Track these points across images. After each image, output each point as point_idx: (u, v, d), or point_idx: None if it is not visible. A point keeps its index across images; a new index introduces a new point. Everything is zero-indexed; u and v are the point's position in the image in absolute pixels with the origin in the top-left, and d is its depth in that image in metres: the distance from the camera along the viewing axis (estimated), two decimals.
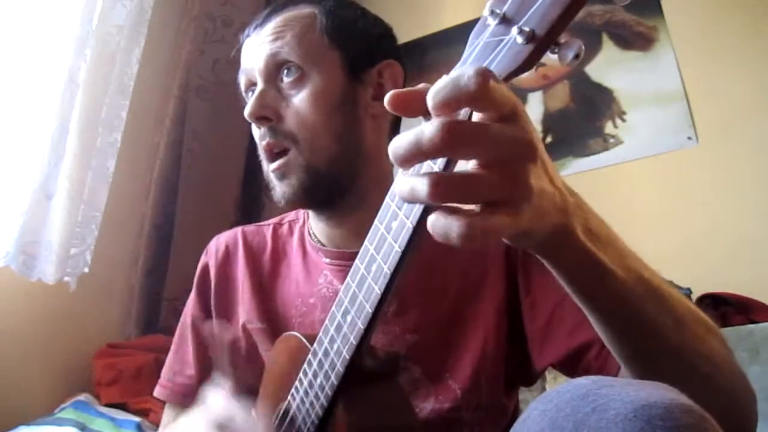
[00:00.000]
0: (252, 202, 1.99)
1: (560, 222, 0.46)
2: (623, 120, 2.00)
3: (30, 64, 1.47)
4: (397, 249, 0.48)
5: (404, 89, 0.42)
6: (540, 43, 0.39)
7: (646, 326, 0.52)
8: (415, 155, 0.38)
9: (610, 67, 2.03)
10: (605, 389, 0.43)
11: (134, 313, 1.77)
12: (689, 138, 1.90)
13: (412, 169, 0.43)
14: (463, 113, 0.41)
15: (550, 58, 0.40)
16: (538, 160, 0.41)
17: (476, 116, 0.41)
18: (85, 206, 1.53)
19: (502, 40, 0.41)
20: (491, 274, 0.78)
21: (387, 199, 0.50)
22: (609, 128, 2.02)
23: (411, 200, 0.40)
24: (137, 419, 1.38)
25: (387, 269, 0.49)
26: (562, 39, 0.39)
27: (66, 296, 1.50)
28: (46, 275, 1.42)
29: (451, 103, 0.38)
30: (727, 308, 1.57)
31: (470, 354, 0.76)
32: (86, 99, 1.51)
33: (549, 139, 2.10)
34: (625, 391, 0.42)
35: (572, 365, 0.71)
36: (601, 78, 2.05)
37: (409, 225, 0.46)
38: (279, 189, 0.78)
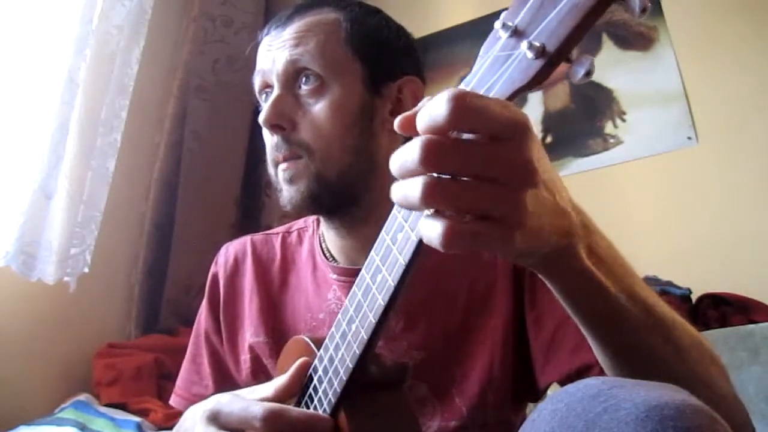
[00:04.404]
0: (252, 202, 1.99)
1: (561, 243, 0.45)
2: (623, 120, 2.00)
3: (30, 64, 1.47)
4: (401, 262, 0.47)
5: (407, 113, 0.42)
6: (550, 59, 0.38)
7: (644, 353, 0.52)
8: (405, 170, 0.39)
9: (610, 67, 2.03)
10: (616, 389, 0.43)
11: (134, 313, 1.77)
12: (689, 138, 1.90)
13: None
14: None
15: None
16: (537, 183, 0.40)
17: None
18: (85, 206, 1.53)
19: (511, 55, 0.40)
20: (499, 288, 0.76)
21: (394, 210, 0.49)
22: (609, 128, 2.01)
23: (406, 205, 0.40)
24: (137, 419, 1.38)
25: (391, 281, 0.48)
26: (573, 54, 0.38)
27: (66, 296, 1.50)
28: (46, 275, 1.42)
29: (431, 127, 0.38)
30: (727, 308, 1.56)
31: (477, 371, 0.74)
32: (86, 99, 1.51)
33: (549, 139, 2.10)
34: (636, 391, 0.42)
35: None
36: (601, 78, 2.04)
37: (414, 238, 0.45)
38: (287, 193, 0.76)
